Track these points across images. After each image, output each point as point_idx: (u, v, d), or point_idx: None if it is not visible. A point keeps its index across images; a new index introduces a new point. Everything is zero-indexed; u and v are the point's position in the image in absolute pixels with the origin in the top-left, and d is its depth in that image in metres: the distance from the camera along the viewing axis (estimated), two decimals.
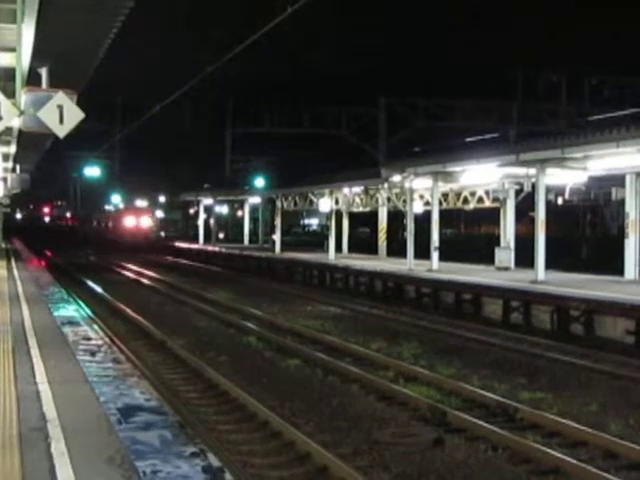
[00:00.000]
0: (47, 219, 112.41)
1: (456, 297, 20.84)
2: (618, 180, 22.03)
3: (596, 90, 44.24)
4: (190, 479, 5.37)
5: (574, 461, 8.04)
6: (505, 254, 25.16)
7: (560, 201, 39.76)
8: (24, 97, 9.35)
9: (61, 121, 9.19)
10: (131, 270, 35.67)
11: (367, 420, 9.92)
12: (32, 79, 10.90)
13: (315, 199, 35.40)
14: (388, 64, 60.64)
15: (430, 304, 21.72)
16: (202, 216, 51.97)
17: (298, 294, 25.72)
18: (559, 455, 8.23)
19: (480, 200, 27.65)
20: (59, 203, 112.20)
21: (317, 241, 49.01)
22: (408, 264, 25.90)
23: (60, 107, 9.20)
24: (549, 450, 8.40)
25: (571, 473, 7.87)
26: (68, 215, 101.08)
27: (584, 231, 41.61)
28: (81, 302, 20.77)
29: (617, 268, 21.28)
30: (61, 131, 9.35)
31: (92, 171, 64.69)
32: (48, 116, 9.22)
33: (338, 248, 35.14)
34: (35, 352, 9.85)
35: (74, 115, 9.32)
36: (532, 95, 44.04)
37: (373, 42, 69.49)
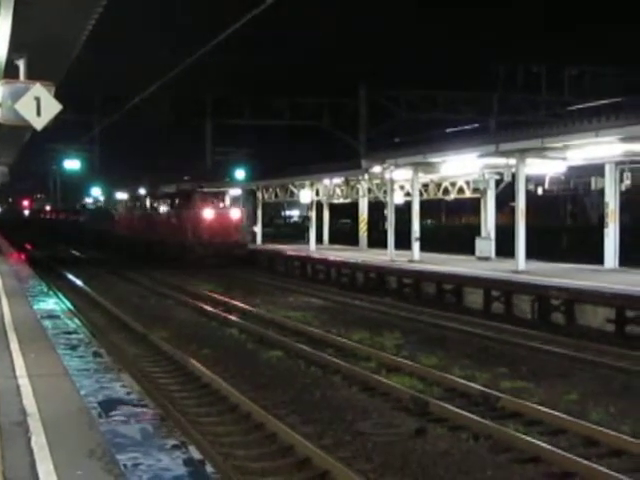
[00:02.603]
0: (27, 212, 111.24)
1: (437, 287, 20.92)
2: (598, 170, 22.12)
3: (576, 80, 44.42)
4: (171, 472, 5.33)
5: (555, 449, 8.09)
6: (486, 244, 25.27)
7: (540, 191, 39.93)
8: (1, 89, 9.27)
9: (38, 113, 9.12)
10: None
11: (349, 411, 9.93)
12: (9, 71, 10.77)
13: (296, 190, 35.35)
14: (370, 56, 60.63)
15: (412, 294, 21.78)
16: None
17: (280, 286, 25.70)
18: (540, 443, 8.28)
19: (460, 190, 27.73)
20: (39, 196, 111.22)
21: (298, 233, 48.95)
22: (389, 255, 25.96)
23: (37, 99, 9.13)
24: (530, 438, 8.45)
25: (552, 461, 7.92)
26: (48, 208, 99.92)
27: (564, 221, 41.86)
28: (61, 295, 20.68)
29: (597, 257, 21.42)
30: (38, 123, 9.28)
31: (72, 164, 63.96)
32: (25, 108, 9.15)
33: (319, 239, 35.15)
34: (15, 346, 9.78)
35: (51, 107, 9.24)
36: (513, 86, 44.13)
37: (356, 34, 69.46)
